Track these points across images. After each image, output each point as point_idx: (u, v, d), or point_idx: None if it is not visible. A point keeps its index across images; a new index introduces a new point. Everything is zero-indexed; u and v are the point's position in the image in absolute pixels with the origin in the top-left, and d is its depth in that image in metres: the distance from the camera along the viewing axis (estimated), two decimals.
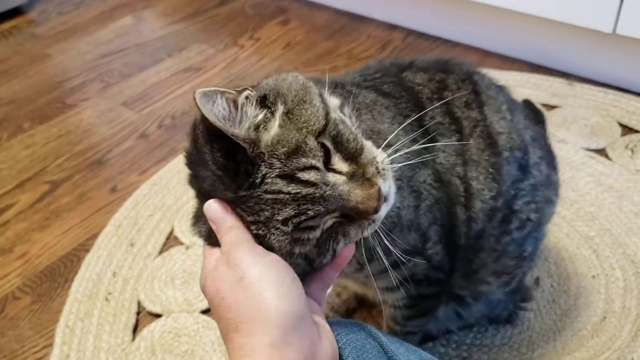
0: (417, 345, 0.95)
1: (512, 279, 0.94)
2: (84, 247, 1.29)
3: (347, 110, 0.62)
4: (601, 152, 1.43)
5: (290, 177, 0.53)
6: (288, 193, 0.53)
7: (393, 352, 0.60)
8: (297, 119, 0.55)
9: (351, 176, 0.56)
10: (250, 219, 0.55)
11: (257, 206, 0.54)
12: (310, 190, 0.53)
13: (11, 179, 1.49)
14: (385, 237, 0.61)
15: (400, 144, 0.64)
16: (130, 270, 1.23)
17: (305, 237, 0.55)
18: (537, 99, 1.59)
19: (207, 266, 0.58)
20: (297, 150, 0.54)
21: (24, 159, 1.55)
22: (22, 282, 1.23)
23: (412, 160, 0.67)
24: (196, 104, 0.51)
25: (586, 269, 1.17)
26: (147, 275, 1.21)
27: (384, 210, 0.58)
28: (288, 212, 0.53)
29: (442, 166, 0.77)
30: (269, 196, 0.53)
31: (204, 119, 0.53)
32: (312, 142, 0.54)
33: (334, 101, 0.61)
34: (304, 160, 0.53)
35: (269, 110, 0.56)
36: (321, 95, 0.59)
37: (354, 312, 1.13)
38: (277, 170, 0.53)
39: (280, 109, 0.56)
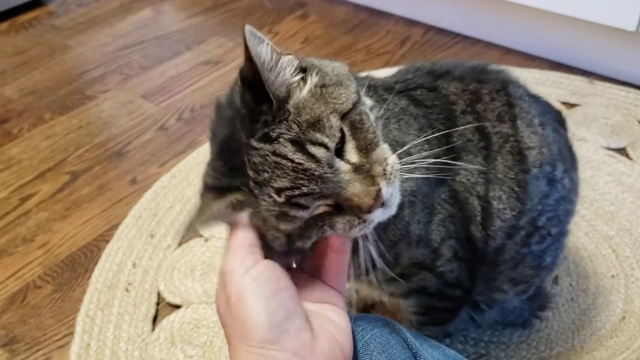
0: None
1: (529, 287, 0.93)
2: (104, 238, 1.31)
3: (374, 113, 0.61)
4: (622, 151, 1.42)
5: (300, 145, 0.53)
6: (292, 161, 0.52)
7: (417, 348, 0.60)
8: (328, 94, 0.55)
9: (356, 169, 0.55)
10: (250, 174, 0.54)
11: (261, 165, 0.53)
12: (312, 165, 0.52)
13: (32, 169, 1.51)
14: (375, 247, 0.61)
15: (416, 156, 0.62)
16: (150, 261, 1.24)
17: (293, 215, 0.54)
18: (558, 97, 1.58)
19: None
20: (317, 123, 0.53)
21: (45, 149, 1.57)
22: (43, 271, 1.25)
23: (430, 175, 0.67)
24: (243, 34, 0.52)
25: (605, 268, 1.16)
26: (166, 267, 1.22)
27: (379, 214, 0.56)
28: (284, 182, 0.53)
29: (462, 185, 0.75)
30: (274, 158, 0.53)
31: (247, 56, 0.53)
32: (334, 120, 0.54)
33: (367, 101, 0.61)
34: (318, 135, 0.53)
35: (306, 77, 0.57)
36: (358, 90, 0.59)
37: (371, 307, 1.14)
38: (293, 134, 0.53)
39: (315, 79, 0.56)
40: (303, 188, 0.53)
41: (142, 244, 1.27)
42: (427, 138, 0.71)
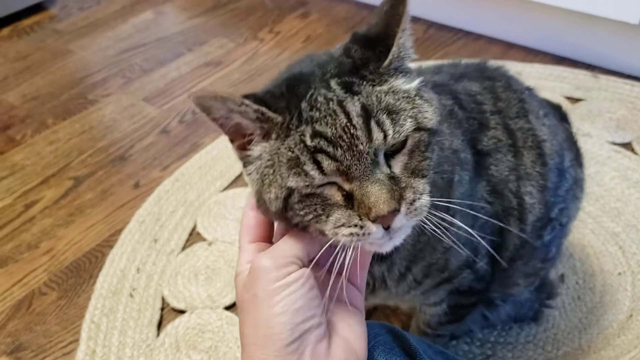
0: (444, 346, 0.96)
1: (536, 279, 0.94)
2: (108, 243, 1.31)
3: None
4: (627, 146, 1.41)
5: (366, 115, 0.51)
6: (349, 120, 0.51)
7: (421, 355, 0.60)
8: (418, 104, 0.55)
9: (392, 178, 0.52)
10: (303, 105, 0.52)
11: (320, 104, 0.52)
12: (363, 139, 0.50)
13: (36, 175, 1.51)
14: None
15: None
16: (153, 266, 1.24)
17: (306, 170, 0.51)
18: (561, 91, 1.57)
19: (239, 269, 0.57)
20: (394, 113, 0.52)
21: (48, 155, 1.57)
22: (48, 278, 1.25)
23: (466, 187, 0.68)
24: None
25: (612, 265, 1.15)
26: (170, 272, 1.22)
27: (378, 234, 0.52)
28: (326, 130, 0.51)
29: (496, 177, 0.76)
30: (336, 107, 0.51)
31: (394, 10, 0.56)
32: (408, 124, 0.53)
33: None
34: (388, 122, 0.52)
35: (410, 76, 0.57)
36: (440, 122, 0.58)
37: (374, 310, 1.13)
38: (369, 103, 0.52)
39: (416, 83, 0.56)
40: (338, 150, 0.50)
41: (145, 248, 1.27)
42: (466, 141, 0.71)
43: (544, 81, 1.61)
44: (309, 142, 0.51)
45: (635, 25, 1.50)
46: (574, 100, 1.55)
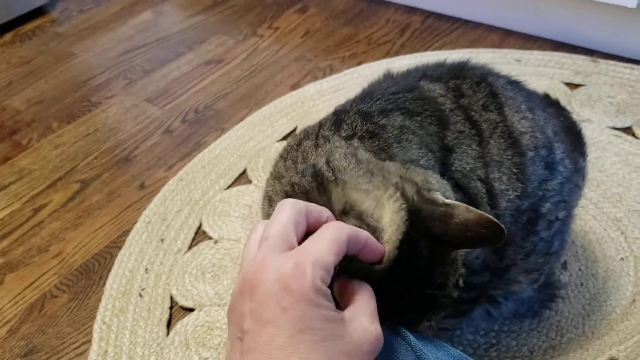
0: (447, 340, 0.96)
1: (540, 275, 0.94)
2: (116, 244, 1.33)
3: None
4: (628, 130, 1.41)
5: None
6: None
7: (422, 351, 0.61)
8: None
9: None
10: None
11: None
12: None
13: (43, 179, 1.53)
14: None
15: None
16: (161, 265, 1.26)
17: None
18: (561, 77, 1.57)
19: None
20: None
21: (55, 158, 1.59)
22: (58, 281, 1.27)
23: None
24: None
25: (614, 251, 1.16)
26: (178, 271, 1.24)
27: None
28: None
29: (459, 173, 0.77)
30: None
31: None
32: None
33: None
34: None
35: None
36: None
37: None
38: None
39: None
40: None
41: (153, 248, 1.29)
42: (426, 146, 0.73)
43: (544, 68, 1.61)
44: None
45: (633, 9, 1.50)
46: (574, 86, 1.55)
